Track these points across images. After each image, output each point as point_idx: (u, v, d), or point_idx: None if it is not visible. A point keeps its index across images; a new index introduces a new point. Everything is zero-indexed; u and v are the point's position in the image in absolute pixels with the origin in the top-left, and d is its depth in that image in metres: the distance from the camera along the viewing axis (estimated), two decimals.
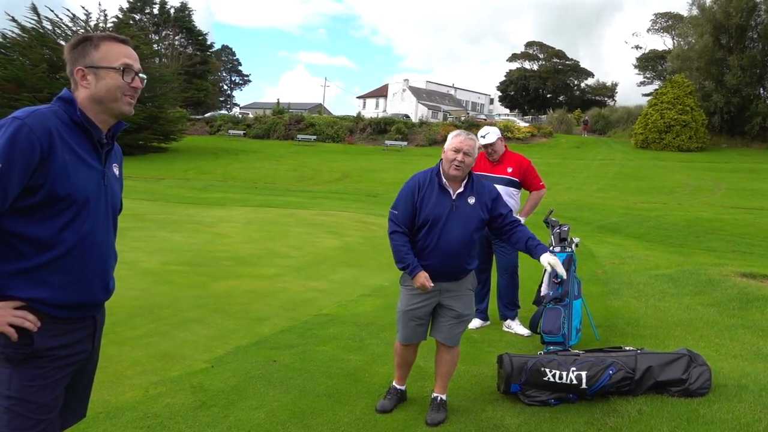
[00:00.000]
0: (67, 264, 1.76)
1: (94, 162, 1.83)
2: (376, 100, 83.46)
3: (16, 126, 1.66)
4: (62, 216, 1.74)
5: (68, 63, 1.85)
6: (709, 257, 9.99)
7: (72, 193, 1.74)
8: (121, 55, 1.84)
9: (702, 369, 3.77)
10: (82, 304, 1.83)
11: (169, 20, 55.61)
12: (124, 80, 1.83)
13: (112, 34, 1.88)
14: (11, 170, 1.63)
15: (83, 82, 1.82)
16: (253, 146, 40.38)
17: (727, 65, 41.82)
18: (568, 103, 66.24)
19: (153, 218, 11.90)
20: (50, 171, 1.69)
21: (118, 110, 1.86)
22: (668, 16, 62.97)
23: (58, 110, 1.79)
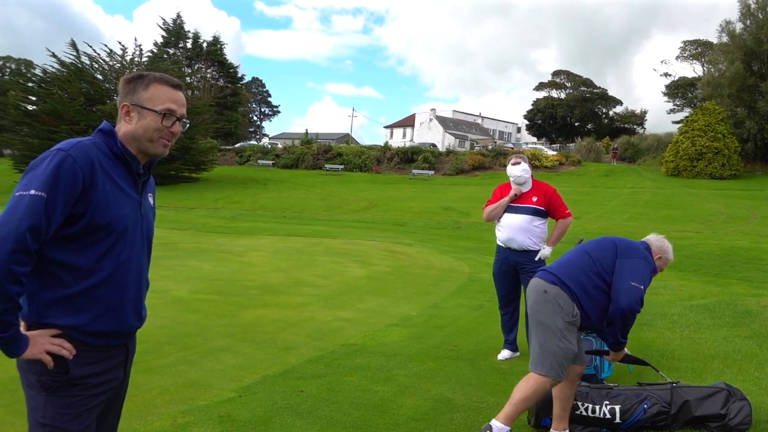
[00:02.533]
0: (104, 292, 1.78)
1: (132, 192, 1.87)
2: (403, 129, 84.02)
3: (60, 157, 1.70)
4: (101, 244, 1.77)
5: (119, 96, 1.91)
6: (746, 287, 9.71)
7: (112, 221, 1.78)
8: (167, 100, 1.88)
9: (742, 404, 3.64)
10: (116, 332, 1.85)
11: (201, 54, 57.06)
12: (163, 124, 1.87)
13: (165, 77, 1.91)
14: (56, 199, 1.67)
15: (126, 117, 1.87)
16: (281, 176, 40.86)
17: (759, 92, 41.12)
18: (596, 131, 65.80)
19: (183, 247, 12.07)
20: (91, 200, 1.73)
21: (152, 150, 1.90)
22: (697, 43, 62.51)
23: (99, 142, 1.83)
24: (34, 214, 1.64)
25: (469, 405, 4.06)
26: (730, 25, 43.68)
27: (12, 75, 60.41)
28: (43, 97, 34.45)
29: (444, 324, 6.50)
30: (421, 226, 20.56)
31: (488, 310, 6.94)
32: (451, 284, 9.16)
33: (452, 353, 5.34)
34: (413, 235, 17.08)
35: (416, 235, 17.17)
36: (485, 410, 3.95)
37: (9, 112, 35.66)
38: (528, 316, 3.53)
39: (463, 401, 4.12)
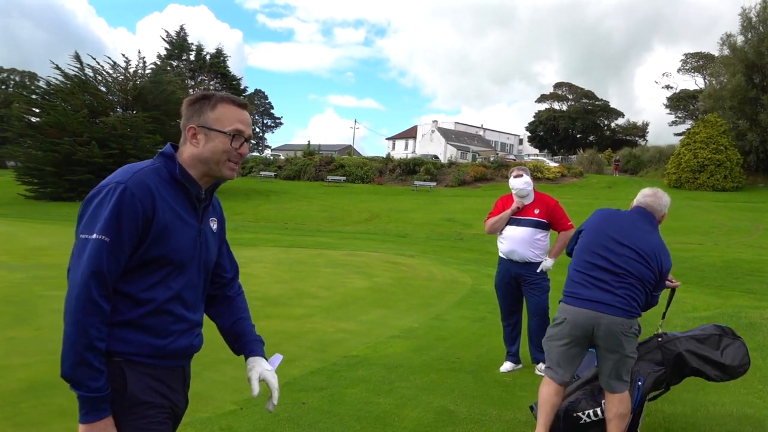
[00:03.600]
0: (155, 321, 1.74)
1: (191, 219, 1.81)
2: (405, 141, 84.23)
3: (120, 192, 1.65)
4: (155, 275, 1.73)
5: (183, 117, 1.85)
6: (749, 300, 9.68)
7: (168, 253, 1.73)
8: (235, 120, 1.82)
9: (736, 344, 3.55)
10: (166, 354, 1.79)
11: (204, 66, 57.30)
12: (232, 146, 1.81)
13: (232, 97, 1.86)
14: (120, 240, 1.64)
15: (192, 140, 1.81)
16: (284, 187, 40.92)
17: (761, 104, 41.20)
18: (598, 143, 65.86)
19: None
20: (150, 233, 1.69)
21: (219, 173, 1.84)
22: (699, 56, 62.72)
23: (160, 168, 1.78)
24: (98, 260, 1.61)
25: (472, 418, 4.04)
26: (732, 38, 43.87)
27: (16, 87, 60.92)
28: (46, 109, 34.59)
29: (446, 336, 6.48)
30: (423, 237, 20.55)
31: (490, 322, 6.93)
32: (453, 296, 9.14)
33: (454, 365, 5.32)
34: (415, 247, 17.07)
35: (418, 247, 17.16)
36: (487, 423, 3.94)
37: (13, 124, 35.84)
38: None
39: (466, 414, 4.11)
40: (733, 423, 3.99)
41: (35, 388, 4.20)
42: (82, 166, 32.70)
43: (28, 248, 12.33)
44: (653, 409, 4.26)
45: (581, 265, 3.39)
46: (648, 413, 4.18)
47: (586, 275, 3.35)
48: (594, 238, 3.42)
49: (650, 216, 3.51)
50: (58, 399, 4.05)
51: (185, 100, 1.87)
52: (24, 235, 15.08)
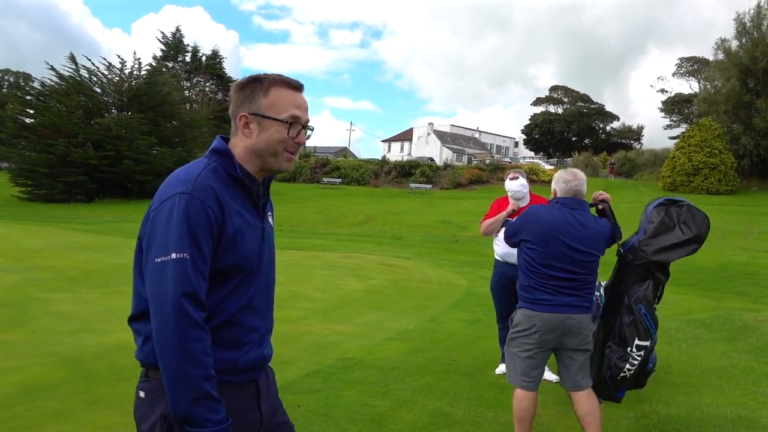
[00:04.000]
0: (225, 333, 1.58)
1: (254, 219, 1.65)
2: (401, 143, 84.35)
3: (185, 202, 1.48)
4: (226, 286, 1.57)
5: (232, 104, 1.67)
6: (743, 302, 9.72)
7: (239, 261, 1.58)
8: (291, 105, 1.64)
9: (683, 210, 3.56)
10: (238, 369, 1.62)
11: (200, 67, 57.29)
12: (289, 134, 1.63)
13: (284, 78, 1.66)
14: (202, 253, 1.48)
15: (245, 130, 1.63)
16: (278, 189, 40.88)
17: (755, 108, 41.41)
18: (593, 146, 66.11)
19: None
20: (221, 242, 1.53)
21: (275, 166, 1.67)
22: (693, 60, 63.02)
23: (216, 168, 1.60)
24: (185, 280, 1.44)
25: (467, 420, 4.04)
26: (726, 42, 44.10)
27: (10, 88, 60.63)
28: (41, 110, 34.51)
29: (442, 338, 6.48)
30: (419, 239, 20.56)
31: (486, 324, 6.93)
32: (448, 298, 9.14)
33: (450, 367, 5.32)
34: (411, 249, 17.08)
35: (414, 249, 17.16)
36: (483, 425, 3.94)
37: (7, 125, 35.69)
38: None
39: (461, 416, 4.11)
40: (727, 424, 4.00)
41: (29, 392, 4.18)
42: (77, 167, 32.61)
43: (23, 250, 12.28)
44: (648, 410, 4.27)
45: (542, 275, 3.33)
46: (643, 415, 4.19)
47: (548, 284, 3.32)
48: (549, 250, 3.32)
49: (584, 202, 3.49)
50: (53, 402, 4.03)
51: (234, 84, 1.69)
52: (18, 236, 15.02)
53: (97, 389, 4.35)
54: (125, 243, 15.05)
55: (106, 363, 4.98)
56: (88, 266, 10.43)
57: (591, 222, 3.41)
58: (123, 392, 4.28)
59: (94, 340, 5.66)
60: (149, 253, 1.50)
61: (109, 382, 4.50)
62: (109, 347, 5.43)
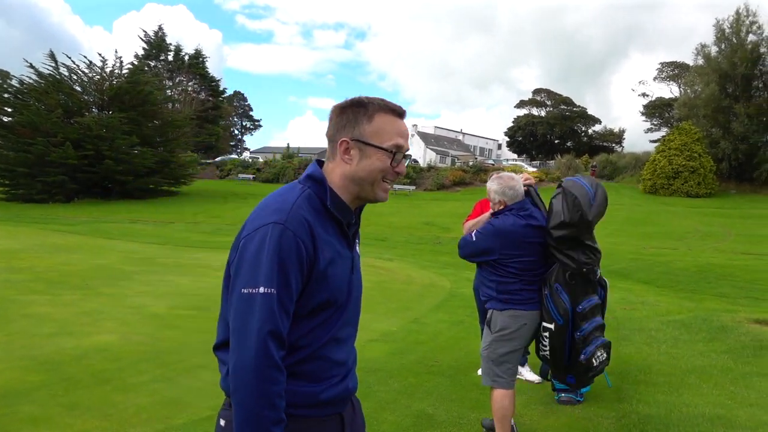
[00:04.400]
0: (308, 367, 1.52)
1: (344, 250, 1.58)
2: None
3: (279, 234, 1.42)
4: (312, 320, 1.51)
5: (332, 127, 1.59)
6: (721, 303, 9.85)
7: (330, 297, 1.52)
8: (395, 133, 1.57)
9: (561, 197, 3.53)
10: (320, 403, 1.55)
11: (183, 66, 56.90)
12: (391, 165, 1.56)
13: (389, 105, 1.59)
14: (288, 289, 1.42)
15: (345, 156, 1.56)
16: (262, 190, 40.67)
17: (733, 113, 42.11)
18: (575, 149, 66.62)
19: (161, 262, 11.93)
20: (312, 277, 1.47)
21: (372, 195, 1.60)
22: (674, 65, 63.89)
23: (311, 195, 1.53)
24: (271, 318, 1.39)
25: (450, 421, 4.05)
26: (706, 48, 44.83)
27: None
28: (19, 108, 33.97)
29: (425, 339, 6.49)
30: (402, 241, 20.58)
31: (469, 326, 6.95)
32: (431, 299, 9.15)
33: (433, 369, 5.33)
34: (394, 250, 17.08)
35: (397, 250, 17.17)
36: (466, 426, 3.95)
37: None
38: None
39: (444, 417, 4.11)
40: (705, 423, 4.05)
41: (6, 396, 4.12)
42: (56, 167, 32.19)
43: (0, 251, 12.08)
44: (628, 410, 4.31)
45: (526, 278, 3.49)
46: (623, 415, 4.23)
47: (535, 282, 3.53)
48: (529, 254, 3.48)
49: (527, 198, 3.63)
50: (30, 407, 3.97)
51: (335, 107, 1.61)
52: None
53: (76, 393, 4.29)
54: (105, 244, 14.89)
55: (85, 366, 4.91)
56: (66, 268, 10.29)
57: (539, 214, 3.60)
58: (101, 396, 4.23)
59: (73, 343, 5.58)
60: (236, 281, 1.45)
61: (87, 386, 4.44)
62: (88, 350, 5.37)
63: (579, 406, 4.41)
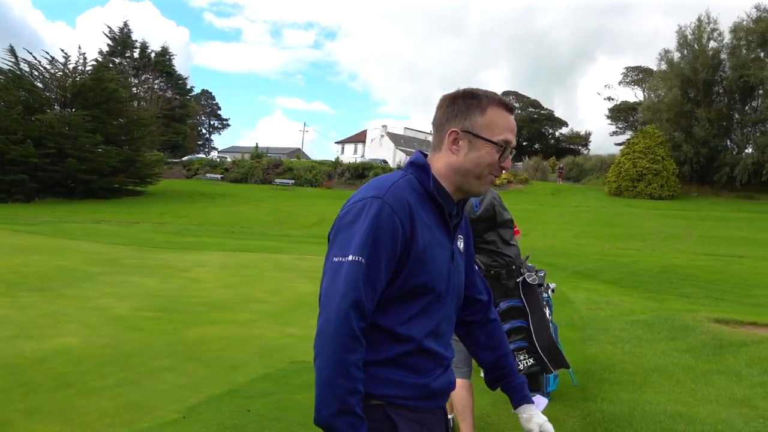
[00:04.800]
0: (416, 361, 1.50)
1: (444, 238, 1.56)
2: (354, 145, 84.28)
3: (377, 208, 1.42)
4: (413, 306, 1.49)
5: (440, 116, 1.58)
6: (683, 303, 10.09)
7: (428, 281, 1.49)
8: (506, 128, 1.56)
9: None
10: (430, 394, 1.55)
11: (149, 64, 55.97)
12: (498, 159, 1.55)
13: (501, 99, 1.58)
14: (378, 263, 1.40)
15: (453, 146, 1.55)
16: (230, 190, 40.27)
17: (695, 117, 43.27)
18: (543, 151, 67.58)
19: (126, 263, 11.71)
20: (410, 258, 1.46)
21: (475, 189, 1.59)
22: (639, 70, 65.22)
23: (413, 180, 1.54)
24: (355, 287, 1.38)
25: None
26: (669, 53, 46.01)
27: None
28: None
29: None
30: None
31: None
32: None
33: None
34: None
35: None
36: None
37: None
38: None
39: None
40: (667, 420, 4.14)
41: None
42: (16, 165, 31.34)
43: None
44: (593, 409, 4.38)
45: None
46: (588, 413, 4.30)
47: None
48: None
49: None
50: None
51: (446, 96, 1.60)
52: None
53: (36, 398, 4.18)
54: (67, 245, 14.54)
55: (46, 370, 4.79)
56: (26, 269, 10.02)
57: None
58: (63, 400, 4.13)
59: (33, 347, 5.44)
60: (330, 250, 1.46)
61: (48, 390, 4.33)
62: (49, 353, 5.23)
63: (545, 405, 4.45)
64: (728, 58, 43.44)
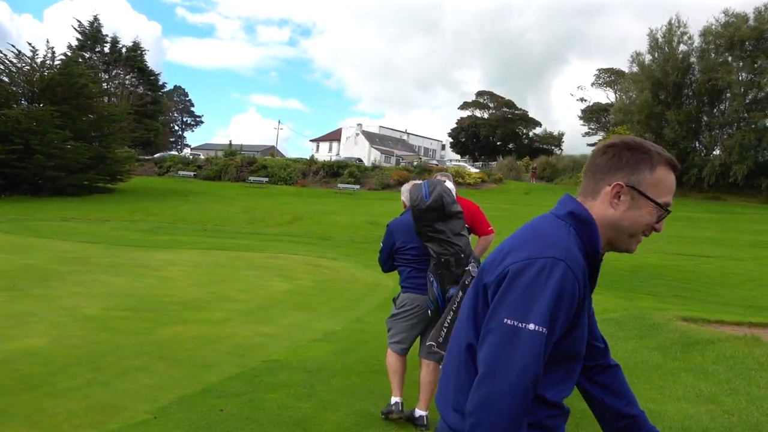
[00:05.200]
0: (554, 422, 1.43)
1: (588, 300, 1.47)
2: (329, 143, 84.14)
3: (561, 272, 1.31)
4: (559, 372, 1.41)
5: (604, 165, 1.47)
6: (653, 302, 10.28)
7: (580, 347, 1.42)
8: (670, 191, 1.46)
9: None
10: None
11: (120, 59, 55.03)
12: (655, 222, 1.46)
13: (671, 159, 1.47)
14: (554, 332, 1.30)
15: (614, 199, 1.44)
16: (203, 188, 39.82)
17: (665, 119, 44.09)
18: (517, 151, 68.22)
19: (96, 261, 11.50)
20: (576, 323, 1.37)
21: (625, 246, 1.49)
22: (611, 72, 66.26)
23: (575, 236, 1.42)
24: (537, 361, 1.27)
25: (393, 419, 4.06)
26: (640, 56, 46.75)
27: None
28: None
29: (368, 339, 6.50)
30: (346, 240, 20.54)
31: None
32: (375, 299, 9.18)
33: (375, 368, 5.33)
34: (338, 250, 17.03)
35: (341, 250, 17.12)
36: (408, 424, 3.97)
37: None
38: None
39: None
40: None
41: None
42: None
43: None
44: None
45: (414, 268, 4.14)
46: None
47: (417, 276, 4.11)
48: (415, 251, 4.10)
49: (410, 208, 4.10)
50: None
51: (611, 144, 1.49)
52: None
53: (2, 399, 4.07)
54: (35, 243, 14.23)
55: (12, 371, 4.67)
56: None
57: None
58: (30, 402, 4.04)
59: None
60: (498, 308, 1.32)
61: (14, 392, 4.23)
62: (15, 354, 5.11)
63: None
64: (697, 62, 44.32)
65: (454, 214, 3.81)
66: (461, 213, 3.88)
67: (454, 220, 3.82)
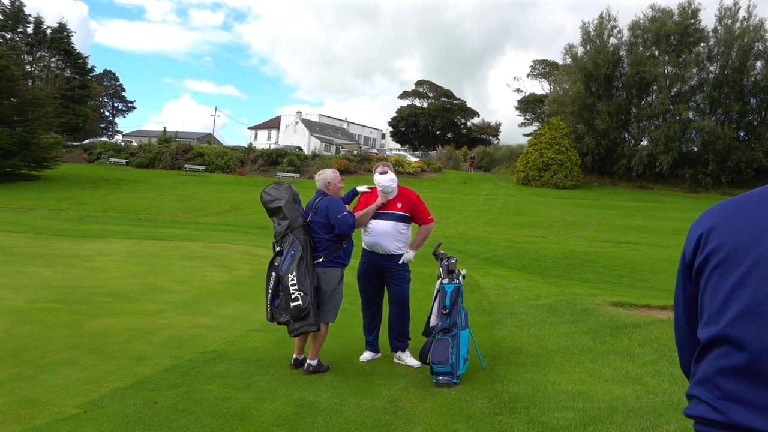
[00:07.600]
0: None
1: None
2: (268, 131, 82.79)
3: None
4: None
5: None
6: (584, 288, 10.66)
7: None
8: None
9: None
10: None
11: (45, 40, 52.25)
12: None
13: None
14: None
15: None
16: (136, 176, 38.53)
17: (596, 111, 45.66)
18: (455, 140, 69.14)
19: (20, 251, 10.96)
20: None
21: None
22: (545, 63, 68.02)
23: None
24: None
25: (332, 408, 4.07)
26: (573, 48, 48.18)
27: None
28: None
29: None
30: None
31: (351, 313, 7.00)
32: None
33: None
34: None
35: None
36: (347, 412, 3.99)
37: None
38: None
39: (326, 404, 4.13)
40: (567, 399, 4.38)
41: None
42: None
43: None
44: (500, 390, 4.56)
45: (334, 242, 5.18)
46: (495, 395, 4.47)
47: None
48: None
49: (320, 191, 5.33)
50: None
51: None
52: None
53: None
54: None
55: None
56: None
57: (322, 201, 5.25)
58: None
59: None
60: None
61: None
62: None
63: (455, 388, 4.59)
64: (627, 55, 46.07)
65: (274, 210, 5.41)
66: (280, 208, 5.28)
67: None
